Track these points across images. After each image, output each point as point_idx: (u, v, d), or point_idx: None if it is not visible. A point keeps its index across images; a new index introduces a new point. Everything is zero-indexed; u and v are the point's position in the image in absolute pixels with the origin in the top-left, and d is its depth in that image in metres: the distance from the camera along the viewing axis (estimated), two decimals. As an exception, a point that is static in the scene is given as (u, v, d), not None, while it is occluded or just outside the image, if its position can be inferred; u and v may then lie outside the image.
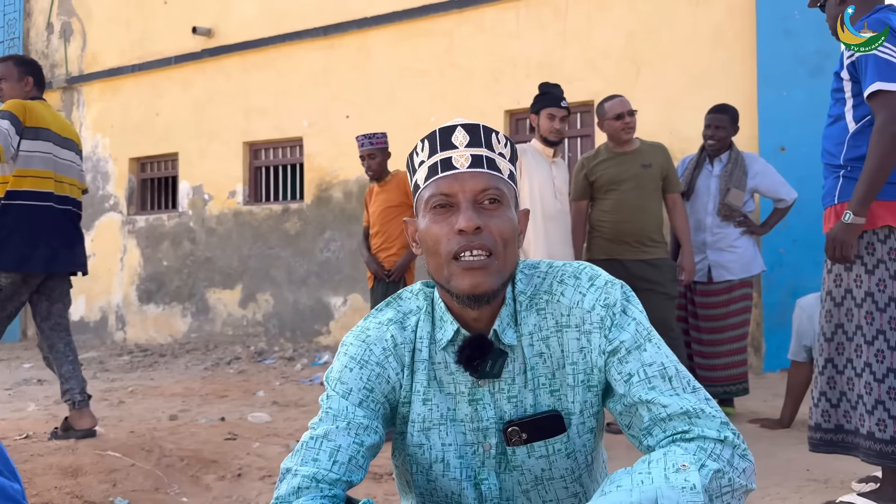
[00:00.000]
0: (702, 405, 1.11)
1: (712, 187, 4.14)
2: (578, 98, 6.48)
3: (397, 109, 7.28)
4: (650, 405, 1.12)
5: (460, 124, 1.20)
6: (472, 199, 1.15)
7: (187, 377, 6.33)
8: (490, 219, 1.15)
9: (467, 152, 1.18)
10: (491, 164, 1.18)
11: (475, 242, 1.13)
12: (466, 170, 1.16)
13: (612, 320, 1.17)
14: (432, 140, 1.20)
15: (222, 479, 2.99)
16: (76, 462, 2.94)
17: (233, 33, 8.33)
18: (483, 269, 1.13)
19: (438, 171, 1.18)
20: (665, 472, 1.00)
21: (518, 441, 1.20)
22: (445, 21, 7.08)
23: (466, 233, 1.13)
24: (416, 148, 1.23)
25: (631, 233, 3.88)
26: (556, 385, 1.20)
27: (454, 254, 1.14)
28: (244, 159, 8.31)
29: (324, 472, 1.13)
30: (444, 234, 1.15)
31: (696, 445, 1.06)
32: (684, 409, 1.10)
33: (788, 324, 3.82)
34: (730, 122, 4.17)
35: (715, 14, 5.90)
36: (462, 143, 1.18)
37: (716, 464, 1.04)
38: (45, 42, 10.00)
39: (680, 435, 1.09)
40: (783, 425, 3.79)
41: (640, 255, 3.89)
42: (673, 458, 1.03)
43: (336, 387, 1.22)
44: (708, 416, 1.10)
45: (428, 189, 1.19)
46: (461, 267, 1.14)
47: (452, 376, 1.23)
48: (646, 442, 1.13)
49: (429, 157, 1.20)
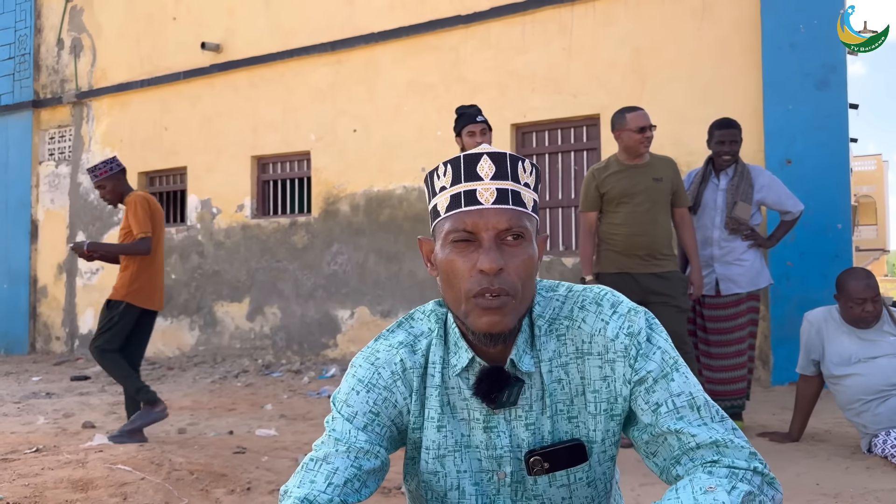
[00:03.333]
0: (730, 435, 1.12)
1: (719, 201, 4.15)
2: (583, 112, 6.52)
3: (404, 123, 7.32)
4: (679, 435, 1.12)
5: (486, 153, 1.16)
6: (494, 237, 1.13)
7: (195, 390, 6.34)
8: (511, 258, 1.13)
9: (493, 186, 1.14)
10: (516, 198, 1.15)
11: (495, 285, 1.11)
12: (491, 206, 1.13)
13: (637, 349, 1.16)
14: (456, 167, 1.17)
15: (232, 492, 2.99)
16: (86, 476, 2.95)
17: (241, 48, 8.40)
18: (500, 310, 1.12)
19: (462, 204, 1.14)
20: (694, 495, 1.00)
21: (541, 471, 1.19)
22: (452, 36, 7.13)
23: (488, 274, 1.11)
24: (437, 170, 1.20)
25: (643, 246, 3.88)
26: (574, 412, 1.20)
27: (474, 293, 1.12)
28: (252, 173, 8.36)
29: (316, 493, 1.13)
30: (466, 269, 1.13)
31: (726, 471, 1.07)
32: (713, 440, 1.10)
33: (796, 337, 3.81)
34: (739, 137, 4.21)
35: (720, 28, 5.93)
36: (487, 174, 1.15)
37: (747, 486, 1.05)
38: (56, 58, 10.10)
39: (710, 464, 1.09)
40: (792, 439, 3.77)
41: (652, 268, 3.89)
42: (699, 482, 1.03)
43: (342, 409, 1.21)
44: (737, 447, 1.10)
45: (450, 221, 1.15)
46: (480, 307, 1.12)
47: (466, 402, 1.22)
48: (674, 471, 1.14)
49: (451, 184, 1.17)
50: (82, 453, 3.40)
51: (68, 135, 9.94)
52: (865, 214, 26.68)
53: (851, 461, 3.37)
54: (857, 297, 3.43)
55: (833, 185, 5.45)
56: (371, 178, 7.54)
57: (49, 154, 10.11)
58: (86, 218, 9.54)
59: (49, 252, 9.96)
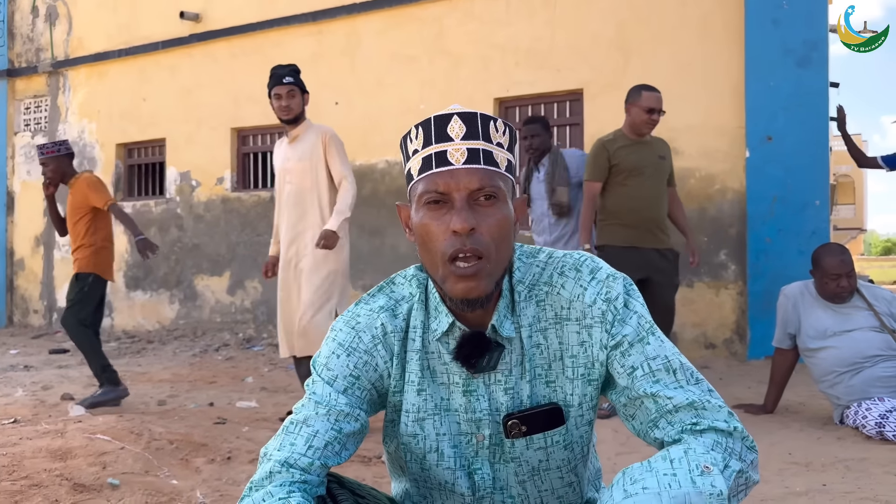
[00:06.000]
0: (707, 396, 1.13)
1: (543, 191, 4.51)
2: (567, 86, 6.50)
3: (386, 96, 7.26)
4: (656, 398, 1.13)
5: (456, 112, 1.16)
6: (466, 197, 1.13)
7: (175, 364, 6.32)
8: (484, 218, 1.13)
9: (463, 146, 1.14)
10: (488, 157, 1.15)
11: (468, 246, 1.11)
12: (462, 166, 1.13)
13: (613, 315, 1.17)
14: (427, 128, 1.17)
15: (212, 462, 3.00)
16: (65, 445, 2.94)
17: (221, 18, 8.26)
18: (475, 276, 1.12)
19: (433, 166, 1.14)
20: (691, 476, 1.01)
21: (518, 434, 1.21)
22: (435, 8, 7.05)
23: (461, 234, 1.11)
24: (409, 133, 1.20)
25: (651, 220, 4.06)
26: (552, 376, 1.21)
27: (449, 256, 1.13)
28: (232, 145, 8.27)
29: (296, 457, 1.14)
30: (440, 232, 1.13)
31: (711, 440, 1.08)
32: (690, 401, 1.12)
33: (773, 312, 3.86)
34: (542, 130, 4.59)
35: (704, 3, 5.92)
36: (458, 134, 1.14)
37: (738, 463, 1.07)
38: (31, 26, 9.88)
39: (691, 426, 1.11)
40: (766, 411, 3.84)
41: (657, 243, 4.08)
42: (695, 457, 1.04)
43: (322, 372, 1.22)
44: (714, 408, 1.12)
45: (422, 183, 1.16)
46: (455, 274, 1.13)
47: (446, 366, 1.23)
48: (653, 434, 1.15)
49: (423, 146, 1.17)
50: (61, 423, 3.39)
51: (44, 105, 9.76)
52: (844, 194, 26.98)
53: (824, 432, 3.45)
54: (832, 272, 3.48)
55: (812, 162, 5.50)
56: (353, 152, 7.41)
57: (25, 125, 9.92)
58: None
59: (26, 224, 9.82)
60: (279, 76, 4.05)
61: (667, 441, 1.13)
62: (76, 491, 2.51)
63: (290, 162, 4.05)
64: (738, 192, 5.71)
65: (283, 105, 4.00)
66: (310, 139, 4.03)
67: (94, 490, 2.54)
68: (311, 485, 1.14)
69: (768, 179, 5.55)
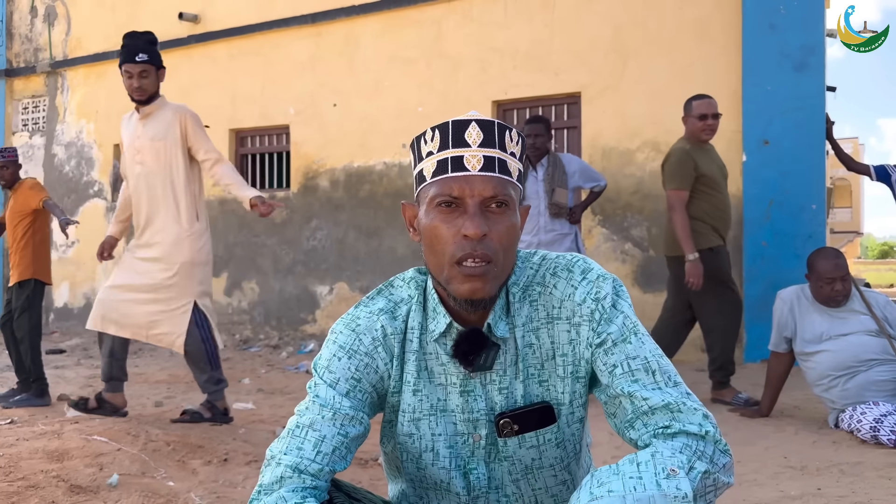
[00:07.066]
0: (683, 399, 1.14)
1: (540, 190, 4.60)
2: (566, 90, 6.51)
3: (384, 98, 7.27)
4: (632, 398, 1.15)
5: (475, 119, 1.18)
6: (479, 204, 1.15)
7: (172, 364, 6.32)
8: (495, 224, 1.15)
9: (480, 153, 1.16)
10: (502, 166, 1.17)
11: (478, 251, 1.13)
12: (478, 173, 1.15)
13: (601, 314, 1.19)
14: (444, 132, 1.18)
15: (209, 463, 3.01)
16: (62, 446, 2.95)
17: (220, 19, 8.27)
18: (482, 277, 1.14)
19: (448, 170, 1.16)
20: (657, 479, 1.02)
21: (510, 433, 1.22)
22: (433, 10, 7.07)
23: (472, 239, 1.13)
24: (424, 134, 1.21)
25: (728, 222, 4.45)
26: (544, 376, 1.23)
27: (457, 259, 1.14)
28: (230, 146, 8.27)
29: (307, 463, 1.15)
30: (450, 235, 1.15)
31: (681, 443, 1.09)
32: (665, 403, 1.13)
33: (769, 315, 3.87)
34: (545, 130, 4.66)
35: (701, 7, 5.94)
36: (476, 141, 1.16)
37: (703, 464, 1.07)
38: (29, 25, 9.88)
39: (662, 430, 1.12)
40: (762, 414, 3.85)
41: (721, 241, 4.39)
42: (661, 460, 1.05)
43: (324, 375, 1.23)
44: (689, 410, 1.13)
45: (436, 186, 1.17)
46: (462, 273, 1.14)
47: (444, 367, 1.25)
48: (629, 434, 1.17)
49: (439, 150, 1.18)
50: (58, 424, 3.39)
51: (42, 105, 9.75)
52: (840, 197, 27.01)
53: (819, 435, 3.46)
54: (826, 276, 3.50)
55: (809, 166, 5.51)
56: (351, 154, 7.50)
57: (23, 125, 9.92)
58: (60, 190, 9.39)
59: (23, 224, 9.80)
60: (131, 52, 3.71)
61: (640, 444, 1.14)
62: (73, 492, 2.51)
63: (140, 140, 3.80)
64: (735, 196, 5.70)
65: (136, 86, 3.71)
66: (165, 118, 3.78)
67: (91, 491, 2.54)
68: (320, 490, 1.16)
69: (765, 183, 5.57)
